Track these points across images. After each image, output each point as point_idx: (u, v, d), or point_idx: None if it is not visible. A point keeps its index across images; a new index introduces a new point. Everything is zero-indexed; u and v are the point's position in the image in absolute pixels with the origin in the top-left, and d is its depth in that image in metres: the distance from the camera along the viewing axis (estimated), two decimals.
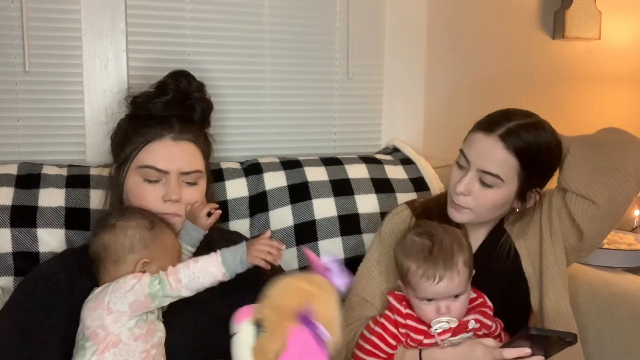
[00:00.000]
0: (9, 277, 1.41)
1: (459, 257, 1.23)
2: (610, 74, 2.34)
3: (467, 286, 1.26)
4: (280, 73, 1.88)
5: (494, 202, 1.33)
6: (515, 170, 1.30)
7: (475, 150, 1.32)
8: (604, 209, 1.33)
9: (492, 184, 1.31)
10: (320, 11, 1.91)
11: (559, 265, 1.40)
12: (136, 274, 1.16)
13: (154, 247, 1.20)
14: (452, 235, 1.28)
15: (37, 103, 1.66)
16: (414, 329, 1.27)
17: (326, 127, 1.96)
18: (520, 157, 1.29)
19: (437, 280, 1.21)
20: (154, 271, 1.17)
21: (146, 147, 1.30)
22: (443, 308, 1.23)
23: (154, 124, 1.31)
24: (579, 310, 1.61)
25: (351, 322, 1.39)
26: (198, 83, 1.42)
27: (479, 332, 1.29)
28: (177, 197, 1.27)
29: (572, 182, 1.35)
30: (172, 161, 1.29)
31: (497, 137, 1.29)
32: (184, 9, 1.76)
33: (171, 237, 1.25)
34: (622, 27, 2.32)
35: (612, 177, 1.32)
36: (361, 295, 1.43)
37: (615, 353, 1.52)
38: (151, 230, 1.21)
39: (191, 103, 1.39)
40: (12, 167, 1.52)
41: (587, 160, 1.34)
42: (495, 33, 2.16)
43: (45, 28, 1.64)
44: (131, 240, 1.19)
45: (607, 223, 1.38)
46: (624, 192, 1.34)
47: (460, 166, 1.36)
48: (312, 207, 1.66)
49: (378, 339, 1.28)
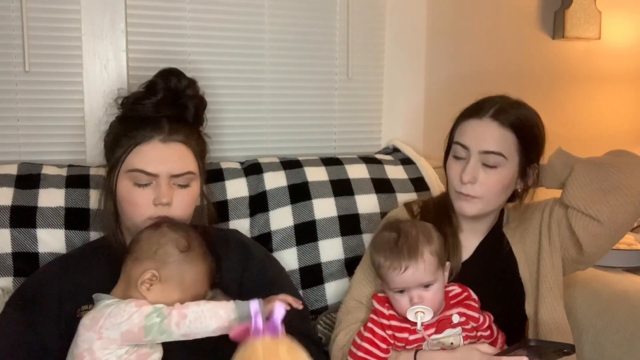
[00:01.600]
0: (8, 278, 1.41)
1: (424, 246, 1.26)
2: (610, 74, 2.34)
3: (436, 276, 1.27)
4: (280, 73, 1.88)
5: (501, 184, 1.34)
6: (514, 145, 1.33)
7: (472, 136, 1.34)
8: (606, 228, 1.34)
9: (496, 164, 1.33)
10: (320, 11, 1.91)
11: (556, 274, 1.41)
12: (139, 302, 1.09)
13: (173, 269, 1.14)
14: (420, 227, 1.30)
15: (37, 103, 1.66)
16: (397, 328, 1.28)
17: (326, 127, 1.96)
18: (516, 130, 1.33)
19: (403, 270, 1.24)
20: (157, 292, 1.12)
21: (135, 149, 1.26)
22: (415, 298, 1.25)
23: (143, 126, 1.27)
24: (579, 310, 1.61)
25: (347, 325, 1.40)
26: (189, 80, 1.37)
27: (466, 325, 1.29)
28: (168, 200, 1.24)
29: (575, 200, 1.35)
30: (161, 164, 1.25)
31: (490, 117, 1.33)
32: (183, 9, 1.76)
33: (196, 275, 1.16)
34: (622, 27, 2.32)
35: (615, 198, 1.32)
36: (357, 299, 1.43)
37: (615, 353, 1.52)
38: (180, 253, 1.16)
39: (183, 102, 1.35)
40: (12, 167, 1.52)
41: (592, 180, 1.34)
42: (495, 33, 2.16)
43: (45, 28, 1.64)
44: (157, 248, 1.15)
45: (608, 240, 1.38)
46: (626, 213, 1.34)
47: (458, 158, 1.37)
48: (312, 207, 1.66)
49: (369, 344, 1.28)
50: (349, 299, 1.45)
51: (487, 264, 1.42)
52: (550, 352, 1.19)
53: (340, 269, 1.64)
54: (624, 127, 2.37)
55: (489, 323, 1.35)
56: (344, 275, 1.63)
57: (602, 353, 1.54)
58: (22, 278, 1.38)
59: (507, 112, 1.33)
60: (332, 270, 1.64)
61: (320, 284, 1.63)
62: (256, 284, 1.35)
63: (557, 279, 1.41)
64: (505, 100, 1.37)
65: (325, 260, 1.64)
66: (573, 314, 1.59)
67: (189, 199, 1.29)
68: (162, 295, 1.13)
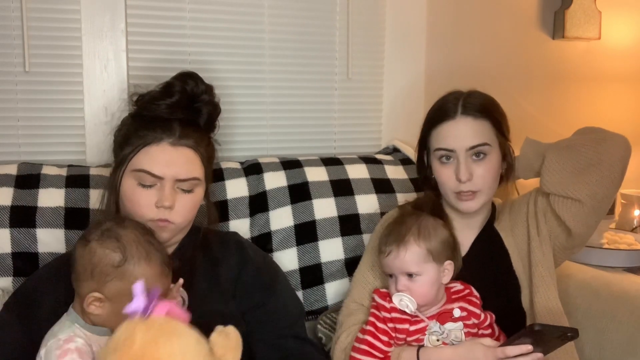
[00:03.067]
0: (8, 278, 1.41)
1: (412, 236, 1.29)
2: (610, 74, 2.34)
3: (423, 269, 1.29)
4: (280, 73, 1.88)
5: (493, 170, 1.39)
6: (491, 129, 1.39)
7: (453, 138, 1.38)
8: (588, 205, 1.36)
9: (485, 153, 1.37)
10: (320, 11, 1.91)
11: (547, 262, 1.42)
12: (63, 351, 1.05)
13: (115, 285, 1.08)
14: (423, 222, 1.33)
15: (37, 103, 1.66)
16: (398, 319, 1.29)
17: (326, 127, 1.96)
18: (487, 115, 1.38)
19: (387, 253, 1.30)
20: (109, 309, 1.09)
21: (143, 150, 1.25)
22: (400, 285, 1.29)
23: (154, 127, 1.26)
24: (579, 310, 1.61)
25: (349, 326, 1.40)
26: (206, 86, 1.36)
27: (468, 321, 1.31)
28: (170, 204, 1.23)
29: (553, 186, 1.38)
30: (168, 167, 1.24)
31: (462, 115, 1.37)
32: (183, 9, 1.76)
33: (145, 278, 1.06)
34: (622, 27, 2.32)
35: (589, 175, 1.36)
36: (357, 301, 1.44)
37: (615, 353, 1.52)
38: (117, 268, 1.09)
39: (198, 106, 1.34)
40: (12, 167, 1.52)
41: (564, 163, 1.38)
42: (495, 33, 2.16)
43: (45, 28, 1.64)
44: (92, 268, 1.09)
45: (594, 217, 1.40)
46: (603, 187, 1.36)
47: (443, 162, 1.40)
48: (312, 207, 1.66)
49: (371, 337, 1.30)
50: (349, 301, 1.46)
51: (483, 260, 1.44)
52: (554, 337, 1.19)
53: (340, 269, 1.64)
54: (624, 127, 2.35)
55: (490, 321, 1.36)
56: (344, 275, 1.63)
57: (602, 353, 1.54)
58: (21, 278, 1.38)
59: (472, 103, 1.38)
60: (332, 270, 1.64)
61: (321, 284, 1.63)
62: (252, 286, 1.35)
63: (549, 267, 1.42)
64: (460, 94, 1.42)
65: (325, 261, 1.64)
66: (573, 314, 1.59)
67: (192, 204, 1.29)
68: (116, 308, 1.07)
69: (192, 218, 1.32)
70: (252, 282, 1.35)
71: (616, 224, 2.12)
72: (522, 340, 1.17)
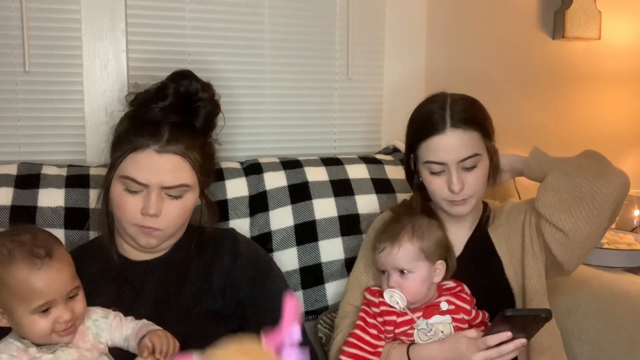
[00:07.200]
0: None
1: (406, 234, 1.32)
2: (610, 74, 2.34)
3: (414, 266, 1.31)
4: (280, 73, 1.88)
5: (484, 176, 1.39)
6: (480, 138, 1.38)
7: (444, 151, 1.35)
8: (572, 239, 1.33)
9: (475, 163, 1.36)
10: (320, 11, 1.91)
11: (540, 274, 1.41)
12: None
13: (4, 298, 1.02)
14: (417, 221, 1.35)
15: (37, 103, 1.66)
16: (386, 312, 1.32)
17: (326, 127, 1.96)
18: (475, 125, 1.36)
19: (381, 249, 1.33)
20: (12, 322, 1.04)
21: (130, 156, 1.23)
22: (392, 281, 1.31)
23: (142, 132, 1.24)
24: (579, 310, 1.61)
25: (344, 328, 1.42)
26: (202, 84, 1.33)
27: (456, 315, 1.32)
28: (155, 212, 1.22)
29: (543, 207, 1.36)
30: (152, 174, 1.22)
31: (451, 128, 1.35)
32: (184, 9, 1.76)
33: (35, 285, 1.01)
34: (622, 27, 2.32)
35: (578, 209, 1.31)
36: (352, 304, 1.45)
37: (615, 353, 1.52)
38: None
39: (196, 107, 1.32)
40: (12, 167, 1.52)
41: (560, 188, 1.34)
42: (495, 33, 2.16)
43: (45, 28, 1.64)
44: None
45: (577, 251, 1.36)
46: (590, 224, 1.32)
47: (435, 173, 1.38)
48: (313, 207, 1.66)
49: (361, 331, 1.33)
50: (344, 304, 1.47)
51: (475, 262, 1.45)
52: (530, 322, 1.21)
53: (340, 269, 1.64)
54: (624, 127, 2.37)
55: (481, 319, 1.37)
56: (344, 275, 1.63)
57: (602, 353, 1.54)
58: None
59: (459, 114, 1.35)
60: (332, 270, 1.64)
61: (321, 284, 1.63)
62: (239, 281, 1.32)
63: (542, 279, 1.42)
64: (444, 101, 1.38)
65: (326, 260, 1.64)
66: (573, 314, 1.60)
67: (180, 210, 1.27)
68: (17, 318, 1.03)
69: (182, 223, 1.31)
70: (240, 277, 1.33)
71: (616, 224, 2.12)
72: (499, 328, 1.19)
